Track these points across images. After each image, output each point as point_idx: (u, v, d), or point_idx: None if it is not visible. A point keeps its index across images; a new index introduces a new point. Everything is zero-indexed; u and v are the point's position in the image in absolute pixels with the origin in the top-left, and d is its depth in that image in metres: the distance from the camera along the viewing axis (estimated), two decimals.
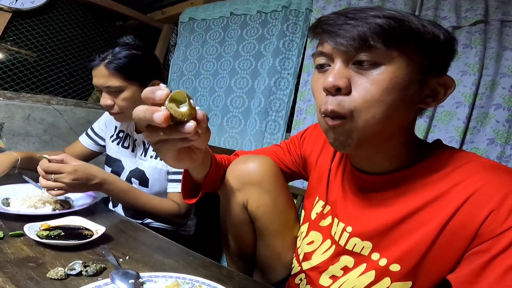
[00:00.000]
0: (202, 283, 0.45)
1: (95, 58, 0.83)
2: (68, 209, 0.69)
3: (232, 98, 1.63)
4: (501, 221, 0.37)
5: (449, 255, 0.42)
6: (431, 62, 0.43)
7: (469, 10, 1.07)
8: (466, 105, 1.06)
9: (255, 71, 1.57)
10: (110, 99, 0.84)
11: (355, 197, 0.52)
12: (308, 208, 0.62)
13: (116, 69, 0.81)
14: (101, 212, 0.73)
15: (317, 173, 0.62)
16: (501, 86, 1.03)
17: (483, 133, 1.04)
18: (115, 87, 0.82)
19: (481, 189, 0.40)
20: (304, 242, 0.59)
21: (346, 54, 0.41)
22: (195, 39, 1.84)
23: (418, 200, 0.45)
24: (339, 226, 0.52)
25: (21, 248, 0.51)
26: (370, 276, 0.47)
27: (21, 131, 1.54)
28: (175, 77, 1.90)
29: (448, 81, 0.45)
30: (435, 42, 0.42)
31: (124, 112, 0.86)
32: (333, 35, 0.41)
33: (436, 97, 0.45)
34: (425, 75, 0.43)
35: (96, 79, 0.83)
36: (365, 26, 0.39)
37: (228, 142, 1.61)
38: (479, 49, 1.04)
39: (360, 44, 0.40)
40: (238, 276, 0.51)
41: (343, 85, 0.41)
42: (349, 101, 0.41)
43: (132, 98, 0.84)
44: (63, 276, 0.44)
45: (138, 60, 0.84)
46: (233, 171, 0.63)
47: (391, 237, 0.46)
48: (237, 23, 1.67)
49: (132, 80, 0.83)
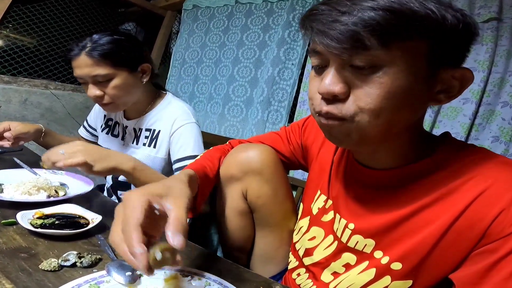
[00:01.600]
0: (202, 276, 0.44)
1: (74, 48, 0.75)
2: (63, 197, 0.68)
3: (234, 87, 1.60)
4: (511, 221, 0.36)
5: (454, 255, 0.40)
6: (442, 54, 0.37)
7: (482, 7, 1.05)
8: (473, 101, 1.04)
9: (259, 61, 1.53)
10: (98, 89, 0.77)
11: (357, 192, 0.50)
12: (307, 201, 0.60)
13: (102, 56, 0.74)
14: (97, 200, 0.72)
15: (318, 165, 0.59)
16: (510, 84, 1.01)
17: (488, 130, 1.04)
18: (103, 76, 0.75)
19: (491, 187, 0.38)
20: (305, 238, 0.57)
21: (339, 57, 0.37)
22: (198, 27, 1.80)
23: (424, 198, 0.42)
24: (341, 222, 0.51)
25: (13, 237, 0.49)
26: (370, 274, 0.46)
27: (18, 115, 1.52)
28: (177, 65, 1.87)
29: (465, 74, 0.39)
30: (447, 30, 0.36)
31: (116, 101, 0.80)
32: (323, 36, 0.36)
33: (450, 92, 0.40)
34: (435, 70, 0.38)
35: (79, 70, 0.76)
36: (359, 23, 0.34)
37: (229, 131, 1.59)
38: (490, 46, 1.02)
39: (354, 46, 0.34)
40: (237, 269, 0.51)
41: (340, 92, 0.37)
42: (348, 106, 0.38)
43: (123, 85, 0.78)
44: (56, 267, 0.43)
45: (122, 44, 0.78)
46: (233, 159, 0.60)
47: (395, 235, 0.44)
48: (242, 11, 1.63)
49: (121, 66, 0.77)
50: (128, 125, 0.92)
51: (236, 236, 0.65)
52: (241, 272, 0.50)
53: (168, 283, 0.42)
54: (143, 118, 0.89)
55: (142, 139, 0.89)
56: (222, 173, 0.62)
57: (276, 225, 0.62)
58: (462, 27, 0.36)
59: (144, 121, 0.89)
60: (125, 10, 1.99)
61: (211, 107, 1.68)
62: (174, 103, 0.90)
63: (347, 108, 0.38)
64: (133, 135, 0.91)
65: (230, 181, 0.61)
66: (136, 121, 0.90)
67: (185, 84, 1.82)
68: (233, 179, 0.60)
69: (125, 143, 0.93)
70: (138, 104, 0.89)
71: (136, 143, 0.90)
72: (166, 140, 0.85)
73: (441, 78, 0.39)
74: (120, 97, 0.80)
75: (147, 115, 0.89)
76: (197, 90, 1.76)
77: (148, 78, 0.84)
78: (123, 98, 0.82)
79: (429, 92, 0.39)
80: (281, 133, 0.68)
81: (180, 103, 0.90)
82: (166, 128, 0.85)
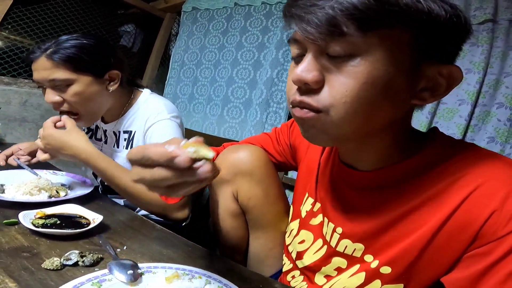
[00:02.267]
0: (203, 275, 0.45)
1: (35, 50, 0.70)
2: (64, 197, 0.68)
3: (233, 89, 1.61)
4: (504, 222, 0.34)
5: (445, 257, 0.39)
6: (428, 47, 0.35)
7: (478, 9, 1.06)
8: (469, 103, 1.05)
9: (258, 62, 1.54)
10: (56, 95, 0.71)
11: (344, 195, 0.48)
12: (297, 204, 0.59)
13: (62, 59, 0.69)
14: (98, 201, 0.72)
15: (305, 166, 0.58)
16: (505, 85, 1.02)
17: (484, 131, 1.05)
18: (61, 80, 0.70)
19: (482, 186, 0.36)
20: (295, 241, 0.56)
21: (316, 44, 0.35)
22: (197, 28, 1.81)
23: (412, 199, 0.41)
24: (329, 226, 0.49)
25: (15, 237, 0.50)
26: (360, 278, 0.45)
27: (17, 116, 1.52)
28: (176, 66, 1.87)
29: (453, 71, 0.36)
30: (433, 21, 0.33)
31: (78, 110, 0.74)
32: (300, 21, 0.34)
33: (435, 90, 0.37)
34: (418, 64, 0.35)
35: (36, 73, 0.71)
36: (336, 7, 0.32)
37: (228, 132, 1.60)
38: (485, 47, 1.04)
39: (330, 32, 0.33)
40: (237, 268, 0.51)
41: (312, 80, 0.35)
42: (322, 97, 0.36)
43: (84, 92, 0.72)
44: (58, 266, 0.43)
45: (88, 49, 0.72)
46: (223, 161, 0.60)
47: (384, 239, 0.43)
48: (241, 14, 1.64)
49: (83, 71, 0.72)
50: (107, 129, 0.89)
51: (230, 237, 0.64)
52: (241, 271, 0.50)
53: (169, 281, 0.43)
54: (120, 120, 0.86)
55: (121, 142, 0.86)
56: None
57: (269, 226, 0.62)
58: (450, 20, 0.34)
59: (121, 123, 0.86)
60: (125, 12, 2.00)
61: (210, 108, 1.69)
62: (151, 101, 0.85)
63: (323, 99, 0.36)
64: (114, 138, 0.88)
65: (220, 182, 0.60)
66: (114, 124, 0.87)
67: (184, 86, 1.83)
68: (224, 180, 0.60)
69: (108, 147, 0.90)
70: (112, 109, 0.84)
71: (117, 146, 0.88)
72: (141, 141, 0.82)
73: (426, 74, 0.36)
74: (80, 104, 0.74)
75: (124, 117, 0.86)
76: (196, 92, 1.77)
77: (116, 86, 0.78)
78: (85, 106, 0.75)
79: (412, 88, 0.37)
80: (272, 134, 0.67)
81: (156, 99, 0.86)
82: (141, 128, 0.82)
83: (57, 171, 0.85)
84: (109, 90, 0.78)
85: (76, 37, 0.73)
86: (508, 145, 1.00)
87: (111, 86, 0.78)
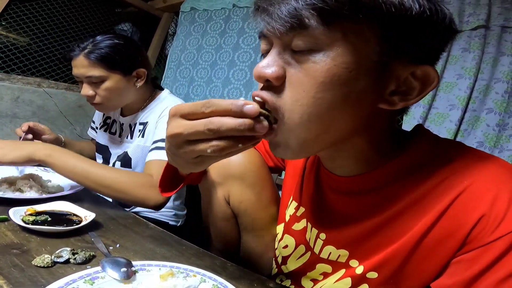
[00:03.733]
0: (197, 273, 0.44)
1: (75, 48, 0.81)
2: (56, 194, 0.67)
3: (229, 89, 1.62)
4: (492, 228, 0.32)
5: (433, 263, 0.37)
6: (397, 45, 0.32)
7: (471, 15, 1.08)
8: (459, 107, 1.07)
9: (254, 64, 1.55)
10: (91, 90, 0.83)
11: (327, 200, 0.47)
12: (282, 207, 0.58)
13: (98, 59, 0.79)
14: (90, 198, 0.71)
15: (292, 169, 0.57)
16: (495, 91, 1.05)
17: (473, 136, 1.07)
18: (96, 77, 0.81)
19: (469, 188, 0.34)
20: (280, 245, 0.55)
21: (280, 38, 0.33)
22: (195, 29, 1.81)
23: (396, 203, 0.39)
24: (312, 232, 0.48)
25: (5, 233, 0.49)
26: (347, 283, 0.44)
27: (9, 112, 1.50)
28: (172, 66, 1.87)
29: (429, 73, 0.33)
30: (404, 16, 0.30)
31: (105, 102, 0.85)
32: (265, 14, 0.33)
33: (407, 94, 0.34)
34: (386, 63, 0.32)
35: (76, 70, 0.82)
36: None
37: None
38: (477, 53, 1.06)
39: (292, 25, 0.31)
40: (232, 267, 0.51)
41: (272, 76, 0.33)
42: (281, 98, 0.33)
43: (114, 88, 0.83)
44: (49, 263, 0.42)
45: (120, 49, 0.82)
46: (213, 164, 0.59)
47: (368, 244, 0.42)
48: (239, 15, 1.65)
49: (114, 69, 0.82)
50: (124, 122, 0.96)
51: (221, 240, 0.64)
52: (235, 269, 0.50)
53: (163, 279, 0.43)
54: (138, 113, 0.93)
55: (136, 132, 0.93)
56: (204, 178, 0.60)
57: (261, 230, 0.60)
58: (425, 14, 0.31)
59: (139, 116, 0.93)
60: (122, 10, 1.99)
61: None
62: (169, 98, 0.93)
63: (280, 100, 0.33)
64: (129, 131, 0.94)
65: (212, 185, 0.59)
66: (132, 117, 0.94)
67: (180, 85, 1.82)
68: (215, 183, 0.59)
69: (121, 140, 0.96)
70: (133, 104, 0.92)
71: (131, 137, 0.94)
72: (152, 131, 0.88)
73: (396, 74, 0.33)
74: (110, 99, 0.84)
75: (143, 111, 0.93)
76: (192, 92, 1.76)
77: (142, 82, 0.87)
78: (113, 100, 0.86)
79: (379, 90, 0.34)
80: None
81: (175, 98, 0.94)
82: (154, 119, 0.89)
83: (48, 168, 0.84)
84: (136, 86, 0.87)
85: (110, 37, 0.82)
86: (497, 149, 1.02)
87: (138, 82, 0.87)
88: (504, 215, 0.32)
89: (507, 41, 1.03)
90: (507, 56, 1.03)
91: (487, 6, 1.05)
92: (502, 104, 1.03)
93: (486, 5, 1.05)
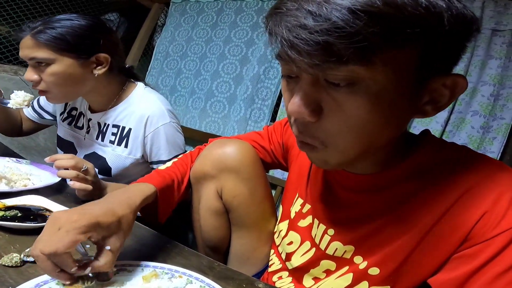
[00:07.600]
0: (183, 273, 0.42)
1: (25, 28, 0.70)
2: (27, 187, 0.62)
3: (218, 83, 1.59)
4: (494, 224, 0.34)
5: (434, 258, 0.39)
6: (435, 62, 0.32)
7: None
8: (446, 109, 1.10)
9: (245, 58, 1.53)
10: (35, 74, 0.70)
11: (336, 197, 0.48)
12: (287, 204, 0.58)
13: (45, 39, 0.68)
14: (66, 192, 0.67)
15: (298, 167, 0.57)
16: (481, 94, 1.07)
17: (458, 137, 1.09)
18: (41, 59, 0.69)
19: (473, 187, 0.36)
20: (284, 242, 0.55)
21: (310, 73, 0.31)
22: (185, 20, 1.76)
23: (405, 202, 0.41)
24: (319, 228, 0.49)
25: None
26: (348, 279, 0.45)
27: None
28: (159, 57, 1.82)
29: (458, 81, 0.33)
30: (443, 32, 0.29)
31: (52, 90, 0.72)
32: (288, 47, 0.29)
33: (438, 102, 0.35)
34: (422, 81, 0.33)
35: (21, 51, 0.70)
36: (332, 31, 0.26)
37: (209, 127, 1.57)
38: (466, 56, 1.08)
39: (326, 61, 0.28)
40: (219, 266, 0.49)
41: (310, 115, 0.33)
42: (321, 130, 0.34)
43: (62, 72, 0.70)
44: (18, 263, 0.39)
45: (76, 30, 0.70)
46: (208, 156, 0.57)
47: (375, 240, 0.43)
48: (232, 8, 1.62)
49: (65, 52, 0.69)
50: (92, 118, 0.84)
51: (211, 236, 0.62)
52: (223, 269, 0.48)
53: (146, 281, 0.40)
54: (109, 112, 0.82)
55: (108, 135, 0.82)
56: (196, 170, 0.59)
57: (254, 225, 0.60)
58: (460, 24, 0.30)
59: (110, 115, 0.82)
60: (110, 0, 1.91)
61: (193, 101, 1.65)
62: (147, 98, 0.82)
63: (321, 133, 0.34)
64: (97, 129, 0.84)
65: (204, 178, 0.58)
66: (102, 114, 0.83)
67: (166, 77, 1.77)
68: (208, 176, 0.57)
69: (90, 137, 0.85)
70: (102, 97, 0.81)
71: (101, 139, 0.83)
72: (140, 141, 0.79)
73: (430, 88, 0.34)
74: (58, 85, 0.71)
75: (114, 109, 0.82)
76: (179, 84, 1.72)
77: (104, 70, 0.74)
78: (62, 88, 0.73)
79: (415, 103, 0.35)
80: (263, 133, 0.66)
81: (153, 97, 0.82)
82: (139, 127, 0.79)
83: (21, 159, 0.78)
84: (94, 74, 0.74)
85: (69, 17, 0.71)
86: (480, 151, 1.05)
87: (97, 70, 0.74)
88: (505, 212, 0.34)
89: (497, 44, 1.06)
90: (495, 59, 1.05)
91: (480, 9, 1.07)
92: (487, 107, 1.05)
93: (479, 8, 1.07)
